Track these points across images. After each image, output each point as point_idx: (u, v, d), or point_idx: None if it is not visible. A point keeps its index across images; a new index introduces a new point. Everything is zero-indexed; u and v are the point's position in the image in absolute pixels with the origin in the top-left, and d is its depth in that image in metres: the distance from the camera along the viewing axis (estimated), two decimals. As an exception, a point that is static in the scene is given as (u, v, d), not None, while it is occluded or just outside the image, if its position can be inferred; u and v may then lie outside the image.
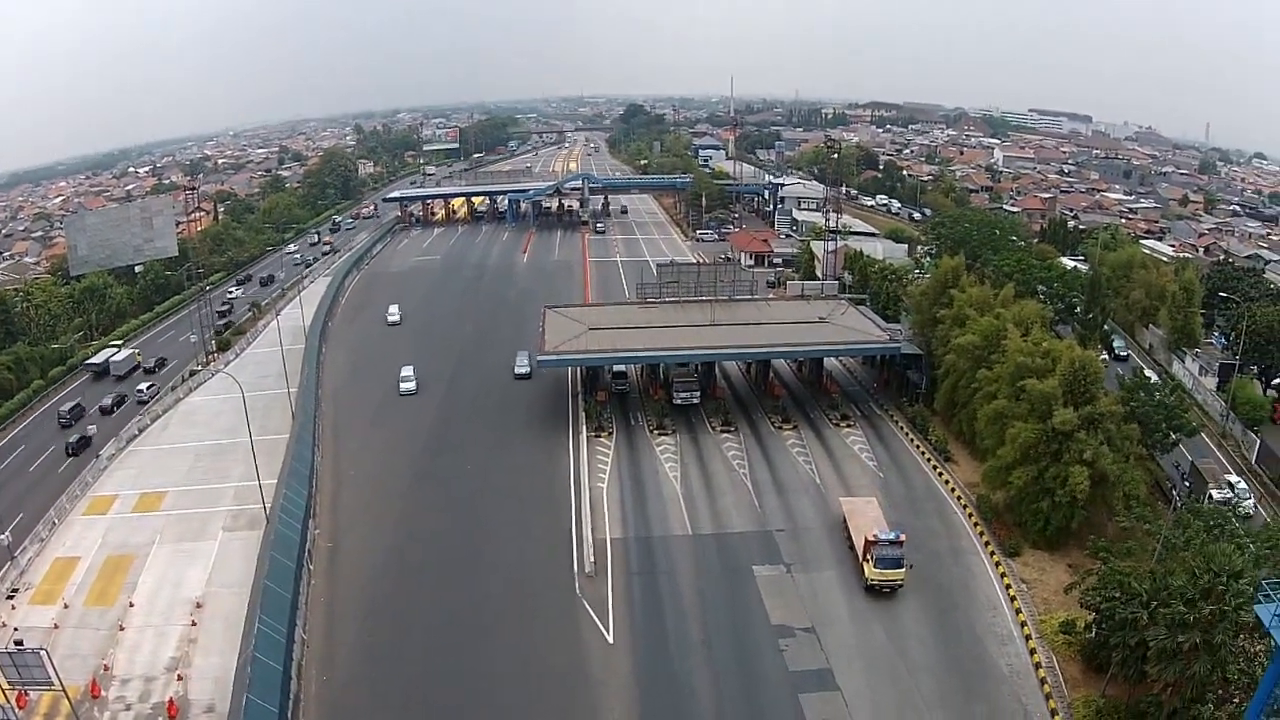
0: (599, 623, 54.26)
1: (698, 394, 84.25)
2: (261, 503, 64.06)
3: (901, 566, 57.26)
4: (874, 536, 57.71)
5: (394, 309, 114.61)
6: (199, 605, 55.69)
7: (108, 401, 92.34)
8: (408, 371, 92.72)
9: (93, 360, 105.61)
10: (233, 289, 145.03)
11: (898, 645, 53.68)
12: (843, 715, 47.90)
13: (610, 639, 52.94)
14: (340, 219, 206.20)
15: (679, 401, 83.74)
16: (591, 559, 59.95)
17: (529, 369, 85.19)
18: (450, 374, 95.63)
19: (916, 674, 51.41)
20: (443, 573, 59.68)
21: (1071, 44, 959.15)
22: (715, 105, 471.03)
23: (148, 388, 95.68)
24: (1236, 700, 41.19)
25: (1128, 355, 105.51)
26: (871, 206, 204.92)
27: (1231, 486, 72.15)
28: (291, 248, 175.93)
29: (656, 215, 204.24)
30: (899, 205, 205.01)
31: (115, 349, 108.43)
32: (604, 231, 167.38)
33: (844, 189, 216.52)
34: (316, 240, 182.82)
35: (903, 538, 57.68)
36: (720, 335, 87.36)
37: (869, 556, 57.69)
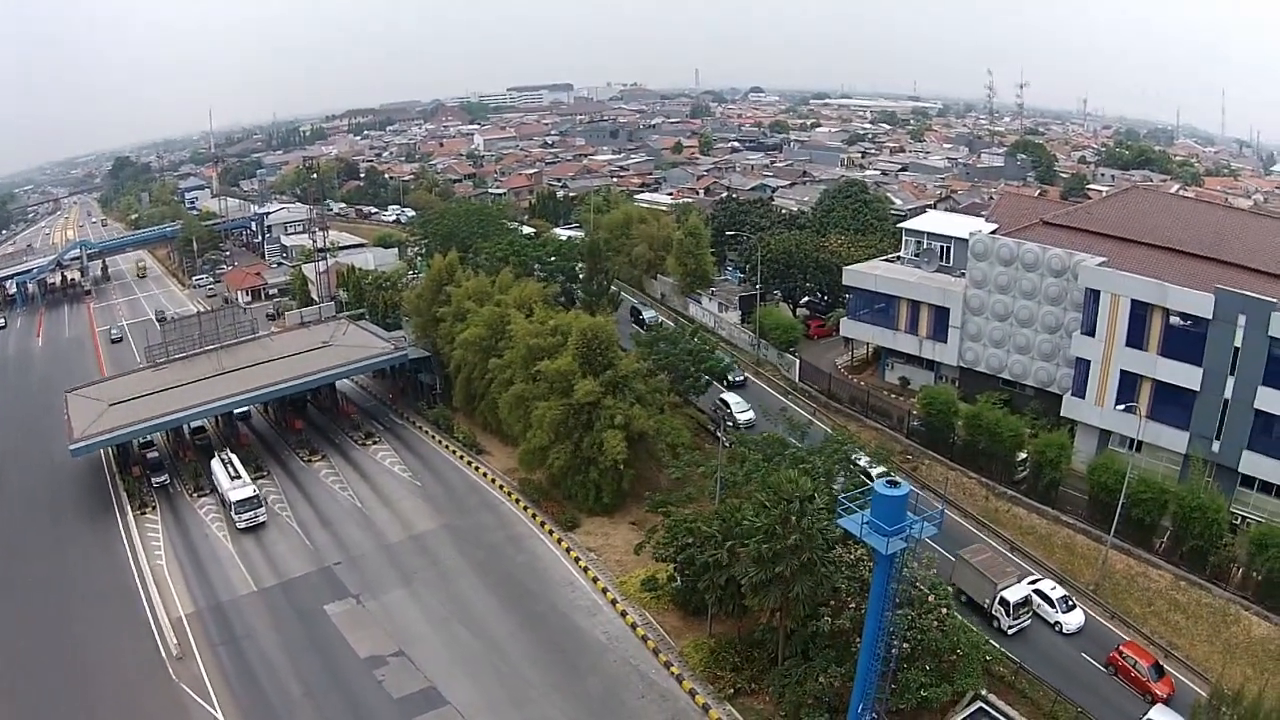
0: (203, 702, 55.36)
1: (262, 514, 76.68)
2: None
3: None
4: None
5: None
6: None
7: None
8: None
9: None
10: None
11: (489, 645, 58.01)
12: (463, 726, 51.14)
13: (220, 716, 54.30)
14: None
15: (244, 525, 75.67)
16: (175, 641, 60.73)
17: None
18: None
19: (519, 666, 55.93)
20: (43, 698, 57.67)
21: (549, 25, 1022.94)
22: (197, 143, 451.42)
23: None
24: (854, 605, 47.32)
25: (659, 321, 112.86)
26: (395, 221, 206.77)
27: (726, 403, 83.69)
28: None
29: (153, 270, 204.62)
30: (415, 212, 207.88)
31: None
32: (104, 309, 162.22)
33: (356, 208, 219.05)
34: None
35: None
36: (231, 382, 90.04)
37: None
